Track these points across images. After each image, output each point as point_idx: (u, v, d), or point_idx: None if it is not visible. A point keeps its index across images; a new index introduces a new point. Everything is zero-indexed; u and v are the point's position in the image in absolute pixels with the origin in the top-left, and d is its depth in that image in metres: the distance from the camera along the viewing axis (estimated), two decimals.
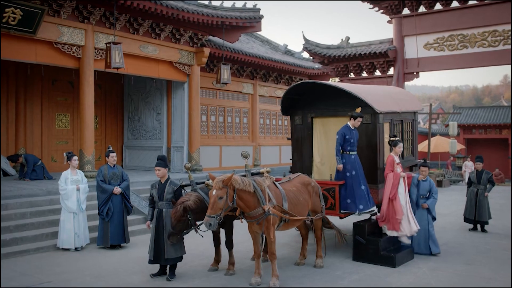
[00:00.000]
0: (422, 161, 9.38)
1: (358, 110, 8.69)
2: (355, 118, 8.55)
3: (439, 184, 20.03)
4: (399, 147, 8.54)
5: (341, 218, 8.79)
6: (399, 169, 8.43)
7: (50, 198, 10.82)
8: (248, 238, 8.79)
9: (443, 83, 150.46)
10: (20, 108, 15.16)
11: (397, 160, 8.49)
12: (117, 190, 9.34)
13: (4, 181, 12.57)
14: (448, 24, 16.44)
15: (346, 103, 9.28)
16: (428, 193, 9.08)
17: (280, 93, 21.96)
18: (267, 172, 7.11)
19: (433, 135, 23.33)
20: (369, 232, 8.42)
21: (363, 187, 8.45)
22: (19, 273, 7.57)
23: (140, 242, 9.87)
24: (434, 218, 9.20)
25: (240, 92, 19.70)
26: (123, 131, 18.24)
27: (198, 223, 7.14)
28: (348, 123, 8.61)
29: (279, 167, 18.99)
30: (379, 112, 8.92)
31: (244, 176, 7.01)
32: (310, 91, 9.78)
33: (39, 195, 10.89)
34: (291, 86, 9.72)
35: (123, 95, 18.23)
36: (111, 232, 9.29)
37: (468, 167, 21.06)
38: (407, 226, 8.30)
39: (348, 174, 8.49)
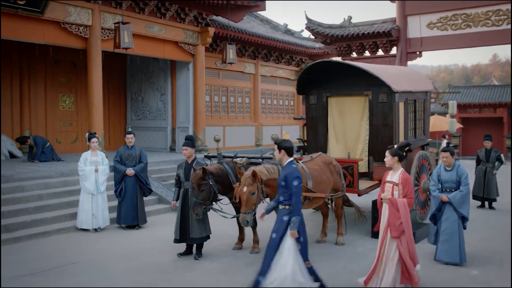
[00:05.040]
0: (445, 144, 8.29)
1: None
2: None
3: (436, 163, 20.23)
4: (387, 159, 6.17)
5: (359, 195, 8.93)
6: (389, 190, 6.13)
7: (64, 179, 10.83)
8: (268, 216, 8.93)
9: (432, 62, 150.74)
10: (24, 89, 15.01)
11: (389, 177, 6.18)
12: (129, 171, 9.36)
13: (13, 163, 12.55)
14: (451, 3, 16.43)
15: (362, 82, 9.35)
16: (456, 185, 7.12)
17: (281, 73, 21.97)
18: (295, 158, 7.15)
19: (431, 114, 23.49)
20: None
21: None
22: (46, 253, 7.64)
23: (157, 223, 9.96)
24: (464, 219, 7.08)
25: (242, 72, 19.63)
26: (126, 112, 18.16)
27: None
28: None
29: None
30: (395, 91, 9.01)
31: (270, 159, 7.12)
32: (325, 70, 9.81)
33: (53, 177, 10.88)
34: (307, 65, 9.75)
35: (126, 76, 18.10)
36: (123, 212, 9.36)
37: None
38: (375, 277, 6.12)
39: None
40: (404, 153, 6.07)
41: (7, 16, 11.00)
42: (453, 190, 7.07)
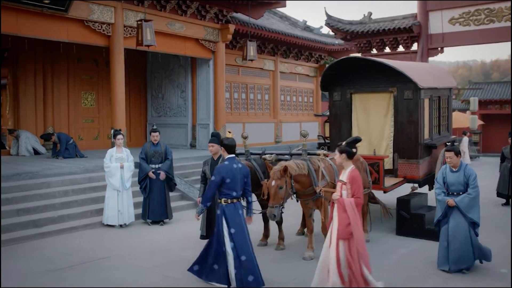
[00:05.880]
0: (466, 141, 7.45)
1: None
2: None
3: None
4: (335, 156, 5.77)
5: (384, 192, 8.89)
6: (339, 190, 5.67)
7: (89, 176, 10.95)
8: (291, 213, 8.96)
9: (450, 58, 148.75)
10: (47, 86, 15.22)
11: (341, 176, 5.78)
12: (152, 175, 9.43)
13: (38, 160, 12.77)
14: None
15: (386, 78, 9.30)
16: (464, 188, 6.51)
17: (300, 70, 21.93)
18: (324, 155, 7.19)
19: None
20: (413, 207, 8.52)
21: None
22: (74, 249, 7.75)
23: (181, 219, 10.02)
24: (474, 224, 6.48)
25: (262, 68, 19.62)
26: (146, 108, 18.30)
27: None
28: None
29: (300, 144, 19.01)
30: (421, 87, 8.95)
31: (299, 155, 7.12)
32: (349, 67, 9.78)
33: (77, 173, 11.01)
34: (332, 62, 9.74)
35: (146, 73, 18.22)
36: (150, 208, 9.45)
37: (464, 143, 20.94)
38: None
39: None
40: (354, 150, 5.66)
41: (33, 14, 11.19)
42: (460, 193, 6.46)
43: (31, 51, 14.56)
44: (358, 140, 5.77)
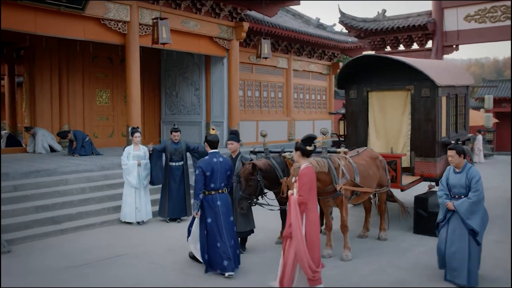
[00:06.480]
0: (480, 140, 7.07)
1: None
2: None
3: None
4: (293, 153, 5.93)
5: (402, 190, 8.86)
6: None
7: (105, 173, 11.02)
8: None
9: (462, 55, 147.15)
10: (63, 84, 15.33)
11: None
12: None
13: (55, 157, 12.86)
14: None
15: (403, 76, 9.26)
16: (466, 191, 5.99)
17: (314, 67, 21.87)
18: (344, 153, 7.18)
19: None
20: (431, 205, 8.48)
21: None
22: (93, 245, 7.82)
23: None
24: (474, 232, 5.91)
25: (275, 66, 19.60)
26: (160, 106, 18.36)
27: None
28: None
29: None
30: (439, 85, 8.89)
31: (320, 152, 7.11)
32: (365, 65, 9.74)
33: (94, 171, 11.09)
34: (349, 60, 9.71)
35: (160, 71, 18.29)
36: (170, 206, 9.51)
37: (479, 141, 20.87)
38: None
39: None
40: (311, 147, 5.53)
41: (50, 13, 11.25)
42: (462, 196, 5.98)
43: (47, 49, 14.67)
44: (313, 137, 5.71)
